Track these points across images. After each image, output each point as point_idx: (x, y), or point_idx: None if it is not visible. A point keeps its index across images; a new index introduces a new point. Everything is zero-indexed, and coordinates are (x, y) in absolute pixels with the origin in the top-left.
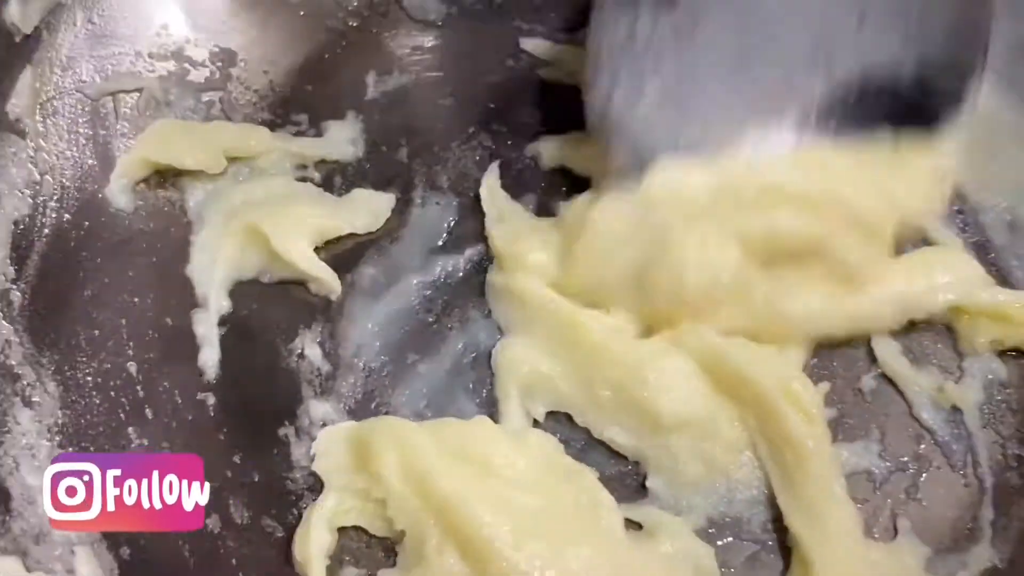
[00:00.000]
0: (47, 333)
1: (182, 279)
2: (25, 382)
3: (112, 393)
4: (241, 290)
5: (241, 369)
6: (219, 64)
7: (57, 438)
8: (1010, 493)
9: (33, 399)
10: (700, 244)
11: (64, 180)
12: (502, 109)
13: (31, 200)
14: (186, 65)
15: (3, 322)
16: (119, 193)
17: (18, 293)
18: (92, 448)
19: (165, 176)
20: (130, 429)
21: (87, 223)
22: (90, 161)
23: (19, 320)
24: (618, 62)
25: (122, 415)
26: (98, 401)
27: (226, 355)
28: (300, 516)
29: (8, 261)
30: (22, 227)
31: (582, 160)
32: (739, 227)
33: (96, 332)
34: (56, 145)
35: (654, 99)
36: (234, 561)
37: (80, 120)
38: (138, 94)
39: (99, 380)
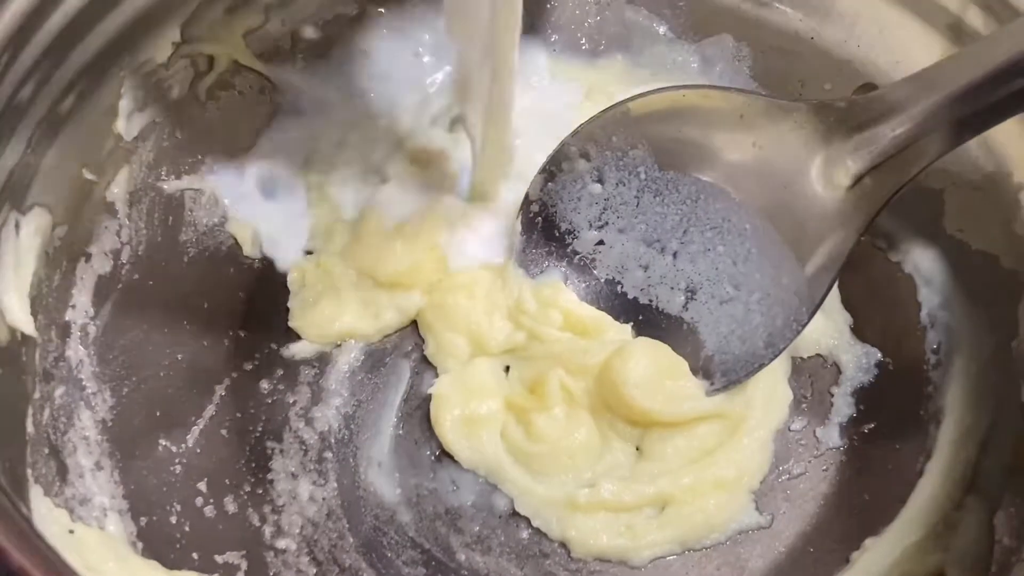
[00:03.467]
0: (110, 356)
1: (203, 327)
2: (89, 391)
3: (146, 402)
4: None
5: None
6: None
7: (105, 434)
8: None
9: (93, 403)
10: None
11: (139, 250)
12: None
13: (113, 261)
14: (242, 171)
15: (80, 346)
16: None
17: (93, 327)
18: (127, 441)
19: None
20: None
21: (150, 282)
22: (159, 239)
23: (92, 346)
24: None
25: (151, 421)
26: (137, 406)
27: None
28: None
29: (91, 303)
30: (104, 280)
31: None
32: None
33: (142, 358)
34: (136, 224)
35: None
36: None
37: (156, 208)
38: (201, 192)
39: (140, 393)
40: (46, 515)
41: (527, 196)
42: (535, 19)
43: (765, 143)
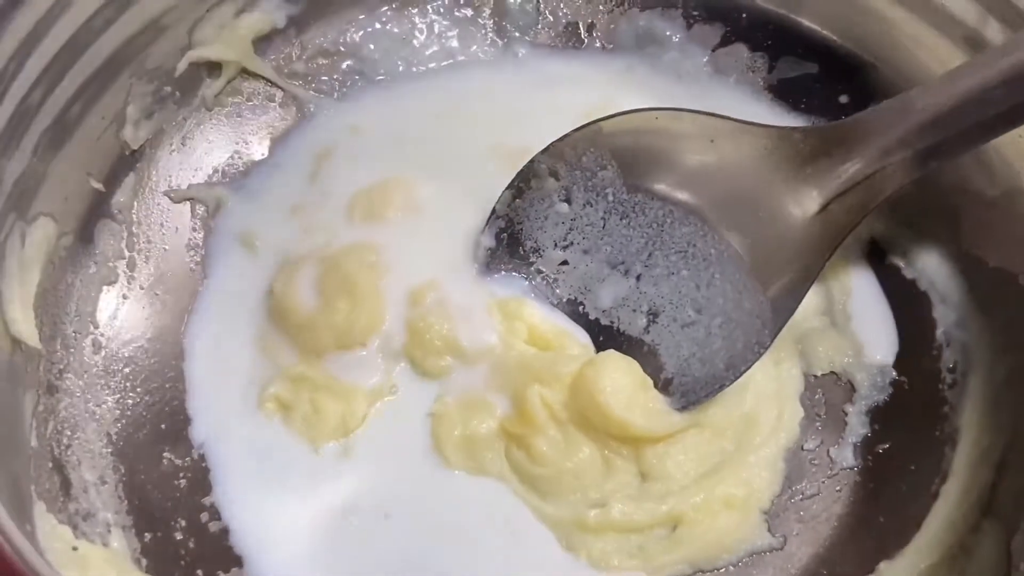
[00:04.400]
0: (115, 368)
1: None
2: (93, 403)
3: (152, 415)
4: None
5: None
6: None
7: (110, 447)
8: None
9: (97, 416)
10: None
11: (146, 260)
12: None
13: (119, 271)
14: (248, 180)
15: (84, 358)
16: None
17: (99, 338)
18: (132, 455)
19: None
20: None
21: (157, 292)
22: (166, 247)
23: (96, 357)
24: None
25: (157, 434)
26: (143, 419)
27: None
28: None
29: (95, 314)
30: (110, 290)
31: None
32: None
33: (148, 370)
34: (144, 232)
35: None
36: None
37: (164, 216)
38: (209, 201)
39: (145, 405)
40: (49, 532)
41: (494, 211)
42: (547, 24)
43: (734, 168)
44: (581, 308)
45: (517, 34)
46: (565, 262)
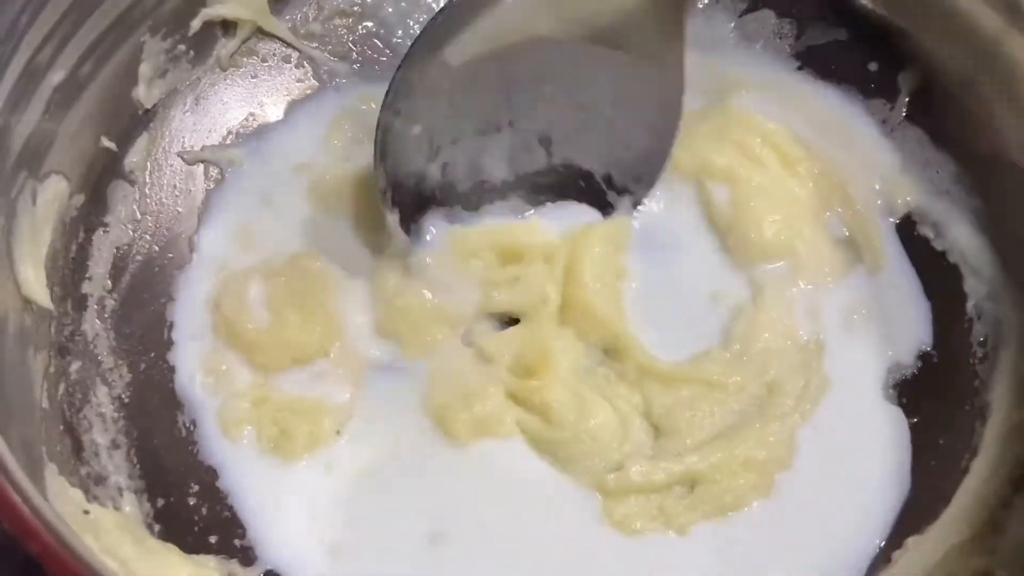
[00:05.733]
0: (127, 331)
1: None
2: (105, 366)
3: (164, 379)
4: None
5: None
6: None
7: (121, 411)
8: None
9: (109, 379)
10: None
11: (158, 220)
12: None
13: (131, 232)
14: (262, 143)
15: (96, 320)
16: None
17: (111, 300)
18: (145, 420)
19: None
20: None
21: (170, 255)
22: (180, 209)
23: (109, 320)
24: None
25: (169, 399)
26: (155, 383)
27: None
28: None
29: (108, 275)
30: (122, 252)
31: None
32: None
33: (160, 333)
34: (156, 194)
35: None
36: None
37: (177, 177)
38: (221, 163)
39: (155, 369)
40: (61, 495)
41: (382, 190)
42: None
43: None
44: (486, 184)
45: None
46: (445, 164)
